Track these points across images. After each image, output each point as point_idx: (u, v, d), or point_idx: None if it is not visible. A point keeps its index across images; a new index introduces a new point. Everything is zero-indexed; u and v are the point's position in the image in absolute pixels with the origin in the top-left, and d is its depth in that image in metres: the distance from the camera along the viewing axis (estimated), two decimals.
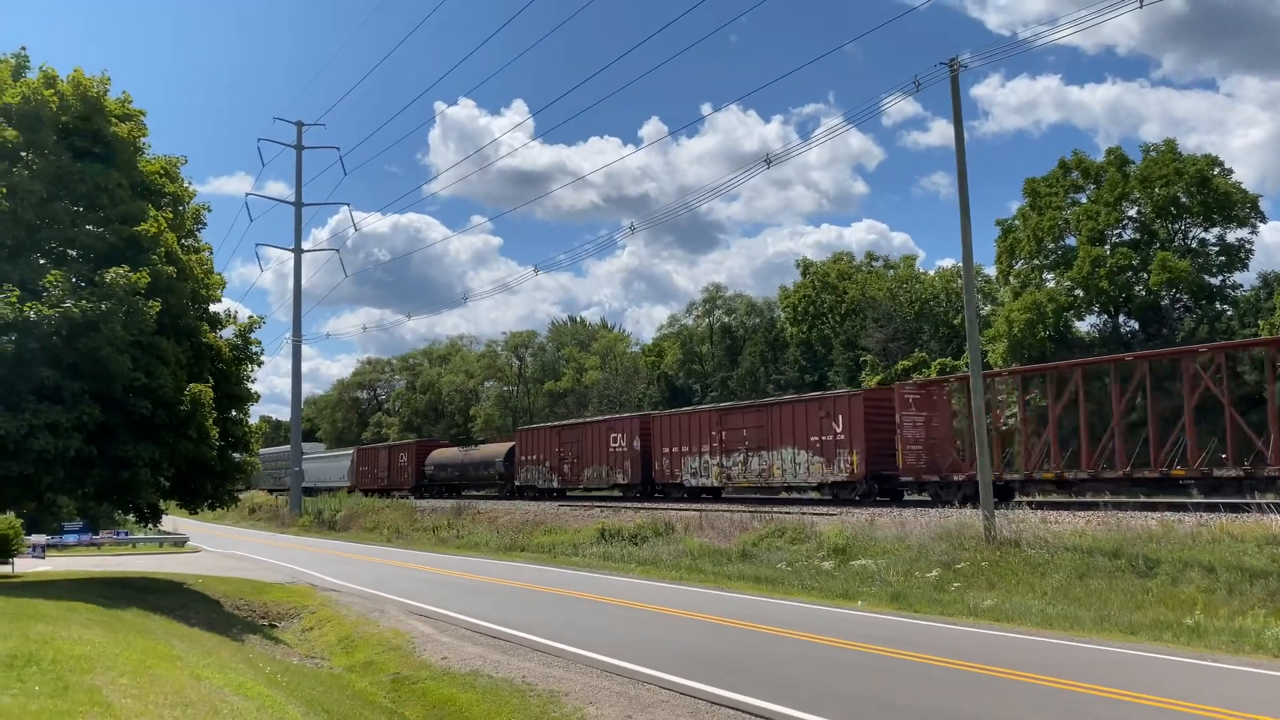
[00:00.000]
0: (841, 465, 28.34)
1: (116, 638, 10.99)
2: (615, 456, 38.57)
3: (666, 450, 35.45)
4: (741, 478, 32.13)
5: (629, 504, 34.41)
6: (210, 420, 18.87)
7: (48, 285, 16.77)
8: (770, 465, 30.64)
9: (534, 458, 43.74)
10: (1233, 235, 44.60)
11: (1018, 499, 24.32)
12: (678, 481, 34.91)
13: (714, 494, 35.47)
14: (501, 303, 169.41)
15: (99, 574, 22.83)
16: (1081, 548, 17.63)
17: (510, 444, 47.73)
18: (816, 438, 29.18)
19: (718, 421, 33.32)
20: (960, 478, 24.90)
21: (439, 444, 58.87)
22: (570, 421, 46.12)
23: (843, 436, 28.37)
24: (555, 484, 42.25)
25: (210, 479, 20.23)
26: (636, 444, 37.29)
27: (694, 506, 31.42)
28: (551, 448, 42.48)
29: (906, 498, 28.82)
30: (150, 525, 21.93)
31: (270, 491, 70.50)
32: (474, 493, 50.93)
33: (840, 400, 29.32)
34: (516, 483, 44.86)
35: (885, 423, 27.54)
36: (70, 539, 33.08)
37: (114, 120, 18.96)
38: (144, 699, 7.67)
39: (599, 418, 45.33)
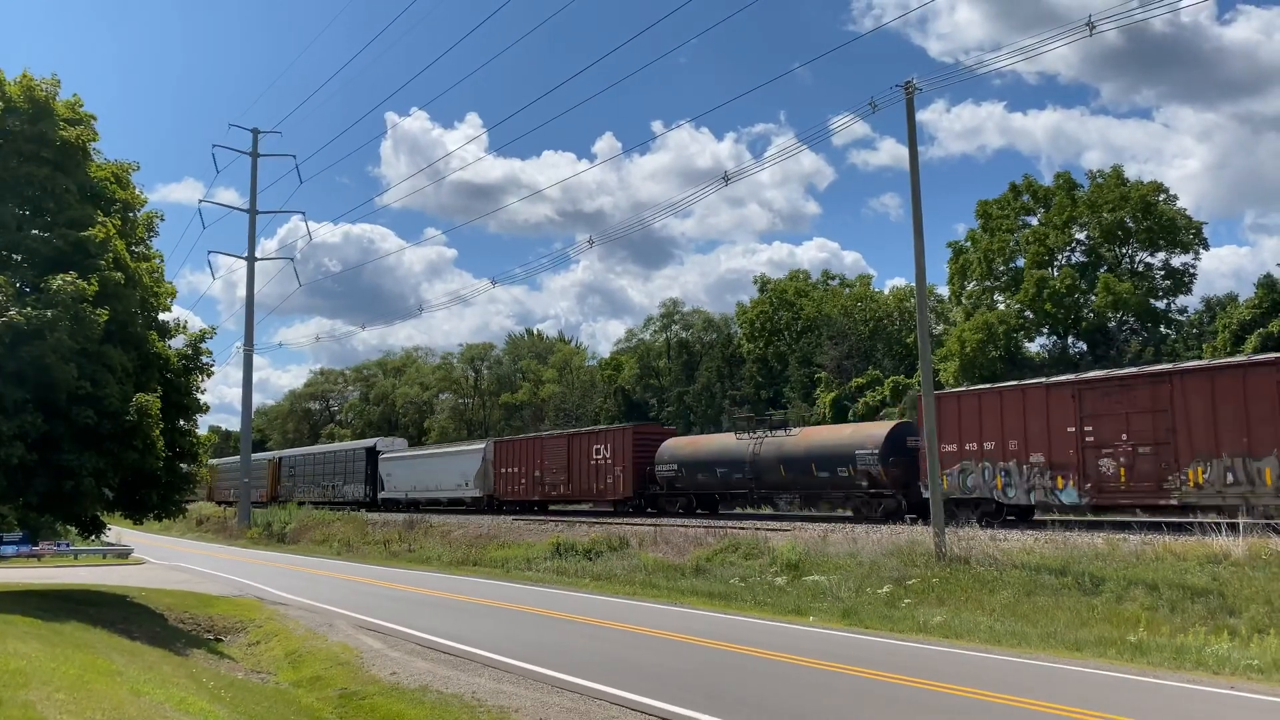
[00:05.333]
0: None
1: (54, 652, 10.74)
2: None
3: None
4: None
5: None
6: (157, 430, 18.53)
7: None
8: None
9: (982, 447, 24.20)
10: (1177, 260, 45.71)
11: None
12: None
13: None
14: (456, 315, 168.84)
15: (38, 586, 22.28)
16: (1029, 565, 17.88)
17: (893, 424, 29.00)
18: None
19: None
20: None
21: (667, 431, 39.62)
22: (1121, 372, 23.14)
23: None
24: (1075, 495, 22.28)
25: (156, 490, 19.86)
26: None
27: (649, 521, 30.83)
28: (1044, 423, 22.96)
29: None
30: (93, 536, 21.48)
31: (314, 505, 51.83)
32: (801, 512, 30.74)
33: None
34: (927, 493, 22.59)
35: None
36: (9, 550, 32.23)
37: (63, 124, 18.62)
38: (80, 715, 7.50)
39: (1246, 358, 23.47)
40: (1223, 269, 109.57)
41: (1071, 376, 24.53)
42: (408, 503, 47.64)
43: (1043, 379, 25.83)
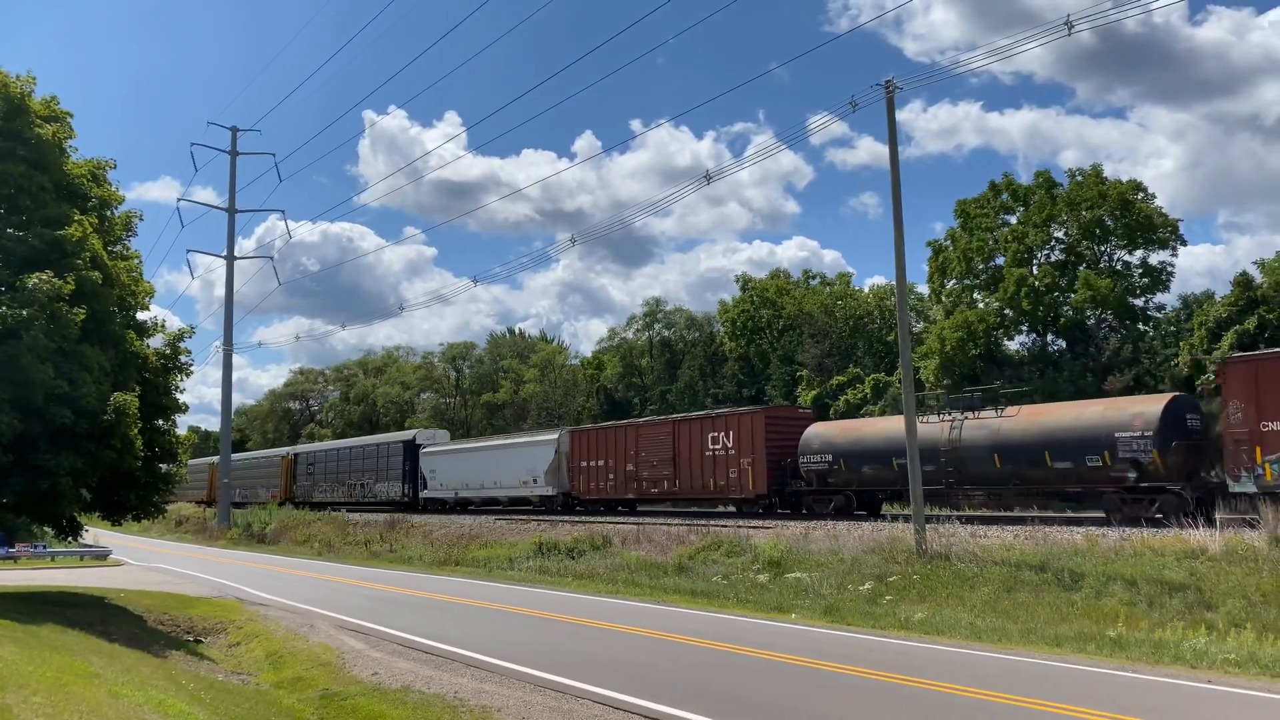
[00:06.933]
0: None
1: (31, 654, 10.64)
2: None
3: None
4: None
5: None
6: (135, 430, 18.38)
7: None
8: None
9: None
10: (1155, 258, 46.04)
11: None
12: None
13: None
14: (436, 314, 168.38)
15: (14, 589, 22.07)
16: (1009, 561, 17.98)
17: (1169, 396, 22.55)
18: None
19: None
20: None
21: (806, 415, 33.44)
22: None
23: None
24: None
25: (134, 490, 19.71)
26: None
27: (632, 520, 30.86)
28: None
29: None
30: (70, 538, 21.28)
31: (349, 508, 47.65)
32: (1023, 513, 23.67)
33: None
34: (1239, 485, 19.79)
35: None
36: None
37: (39, 121, 18.42)
38: (58, 717, 7.43)
39: None
40: (1197, 267, 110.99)
41: None
42: (457, 503, 42.75)
43: None
